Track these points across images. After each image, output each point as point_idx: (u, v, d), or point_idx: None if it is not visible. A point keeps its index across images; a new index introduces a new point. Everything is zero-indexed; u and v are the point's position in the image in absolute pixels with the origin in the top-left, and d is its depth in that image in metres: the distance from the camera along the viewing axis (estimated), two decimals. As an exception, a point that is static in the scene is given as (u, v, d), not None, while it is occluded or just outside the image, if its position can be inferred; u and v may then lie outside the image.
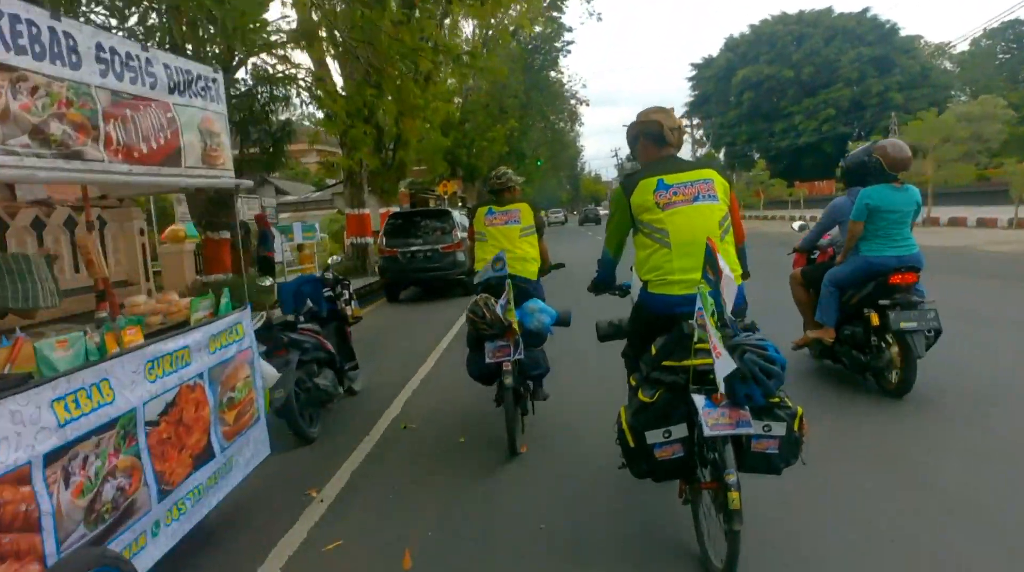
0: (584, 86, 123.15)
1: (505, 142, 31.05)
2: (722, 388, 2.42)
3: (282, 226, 16.41)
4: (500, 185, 4.72)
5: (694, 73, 66.16)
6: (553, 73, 48.25)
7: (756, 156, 62.20)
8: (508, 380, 4.09)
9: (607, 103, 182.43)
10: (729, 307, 2.41)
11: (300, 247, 16.32)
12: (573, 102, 51.67)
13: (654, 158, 3.02)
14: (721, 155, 68.90)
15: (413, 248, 12.60)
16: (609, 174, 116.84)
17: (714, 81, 61.88)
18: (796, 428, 2.54)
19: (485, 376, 4.46)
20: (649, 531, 3.18)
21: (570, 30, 43.19)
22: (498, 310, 4.07)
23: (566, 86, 50.33)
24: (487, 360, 4.17)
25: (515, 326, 4.11)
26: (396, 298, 13.24)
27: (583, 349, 6.56)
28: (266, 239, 13.97)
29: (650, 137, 3.03)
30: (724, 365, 2.31)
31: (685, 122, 59.65)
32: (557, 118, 52.69)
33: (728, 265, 2.41)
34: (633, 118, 3.13)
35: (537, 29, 40.15)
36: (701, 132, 60.33)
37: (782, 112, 55.06)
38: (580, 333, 5.54)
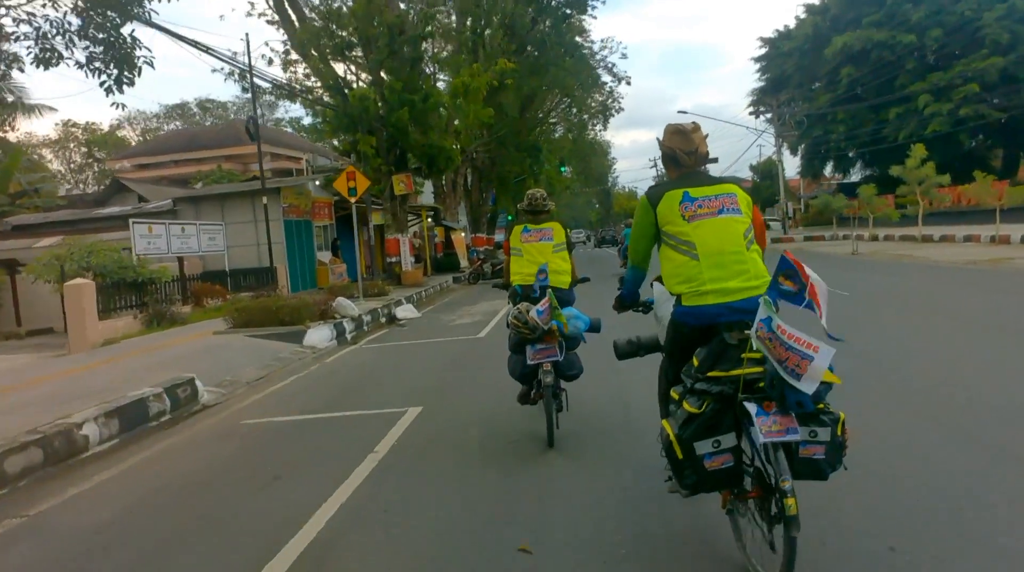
0: (624, 55, 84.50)
1: (487, 103, 16.60)
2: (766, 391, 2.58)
3: None
4: (536, 207, 5.30)
5: (763, 51, 51.54)
6: (579, 38, 34.47)
7: (851, 154, 47.18)
8: (548, 379, 4.68)
9: (641, 125, 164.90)
10: (823, 312, 2.46)
11: None
12: (608, 80, 37.55)
13: (676, 175, 3.17)
14: (796, 157, 53.31)
15: None
16: (646, 188, 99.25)
17: (796, 56, 46.98)
18: (839, 433, 2.63)
19: (526, 376, 5.01)
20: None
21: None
22: (535, 316, 4.56)
23: (597, 55, 36.36)
24: (528, 361, 4.71)
25: (555, 330, 4.55)
26: None
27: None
28: None
29: (668, 158, 3.18)
30: (826, 353, 2.36)
31: (751, 110, 45.13)
32: (585, 101, 38.49)
33: (758, 272, 2.85)
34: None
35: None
36: (778, 122, 44.66)
37: (898, 92, 40.00)
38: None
